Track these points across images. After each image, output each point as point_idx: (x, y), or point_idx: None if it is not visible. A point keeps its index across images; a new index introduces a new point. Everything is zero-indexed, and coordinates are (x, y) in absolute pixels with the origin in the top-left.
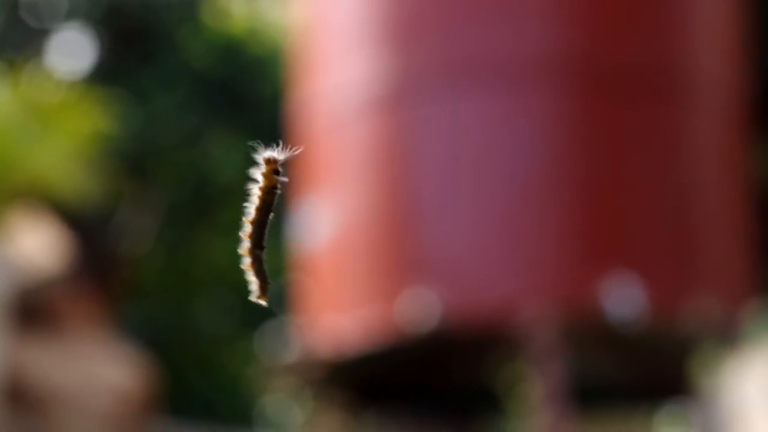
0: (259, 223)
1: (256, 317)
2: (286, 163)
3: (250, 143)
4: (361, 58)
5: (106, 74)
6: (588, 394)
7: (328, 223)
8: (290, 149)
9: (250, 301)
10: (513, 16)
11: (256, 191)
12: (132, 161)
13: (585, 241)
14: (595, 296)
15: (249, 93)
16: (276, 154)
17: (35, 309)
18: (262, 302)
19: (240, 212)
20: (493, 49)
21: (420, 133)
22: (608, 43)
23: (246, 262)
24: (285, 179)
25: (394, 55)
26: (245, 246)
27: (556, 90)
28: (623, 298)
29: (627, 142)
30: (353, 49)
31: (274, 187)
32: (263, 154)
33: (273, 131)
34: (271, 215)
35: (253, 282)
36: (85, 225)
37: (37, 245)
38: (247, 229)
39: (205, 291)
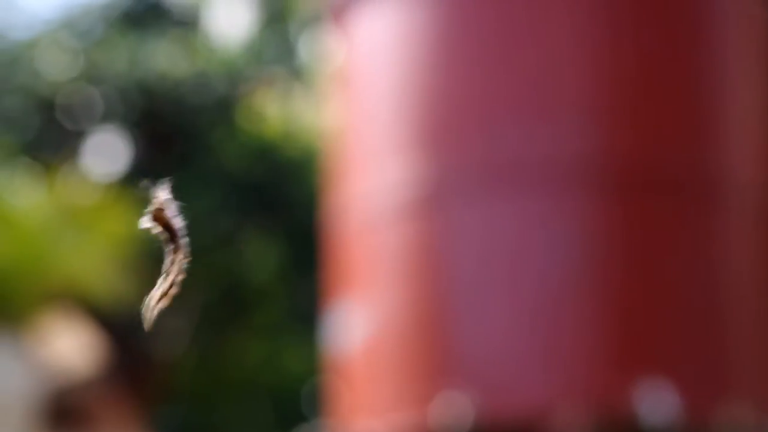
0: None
1: (288, 420)
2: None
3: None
4: (396, 161)
5: (141, 176)
6: None
7: (361, 327)
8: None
9: (282, 404)
10: (549, 118)
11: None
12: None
13: (618, 345)
14: (629, 401)
15: (283, 195)
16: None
17: (69, 411)
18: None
19: (272, 315)
20: (529, 152)
21: (454, 236)
22: (645, 146)
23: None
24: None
25: (429, 159)
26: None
27: (592, 192)
28: (656, 404)
29: (662, 245)
30: (388, 153)
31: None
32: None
33: (308, 234)
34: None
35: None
36: (119, 327)
37: (72, 347)
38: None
39: (237, 393)
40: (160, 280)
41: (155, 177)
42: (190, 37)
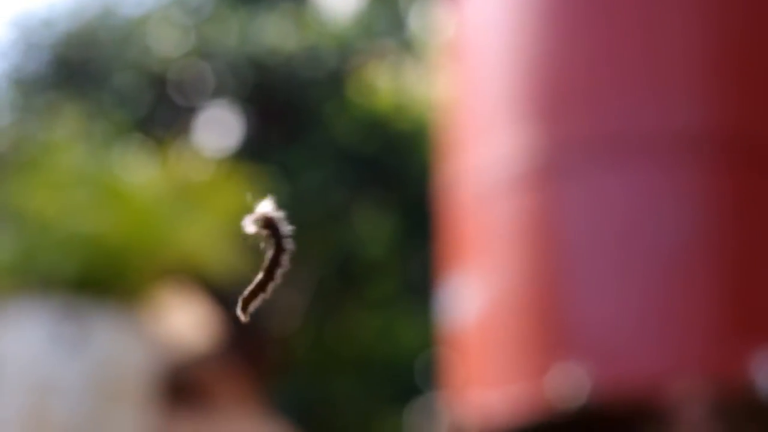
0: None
1: (404, 393)
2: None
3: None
4: (507, 133)
5: (253, 151)
6: None
7: (474, 299)
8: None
9: (397, 378)
10: (659, 90)
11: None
12: None
13: (734, 316)
14: (746, 371)
15: (395, 169)
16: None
17: (186, 387)
18: (241, 313)
19: (386, 288)
20: (639, 124)
21: (566, 208)
22: (754, 118)
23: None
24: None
25: (540, 131)
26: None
27: (703, 165)
28: None
29: None
30: (499, 125)
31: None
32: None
33: (420, 207)
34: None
35: (254, 289)
36: (234, 302)
37: (187, 323)
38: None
39: (352, 367)
40: (257, 277)
41: (267, 152)
42: (301, 11)
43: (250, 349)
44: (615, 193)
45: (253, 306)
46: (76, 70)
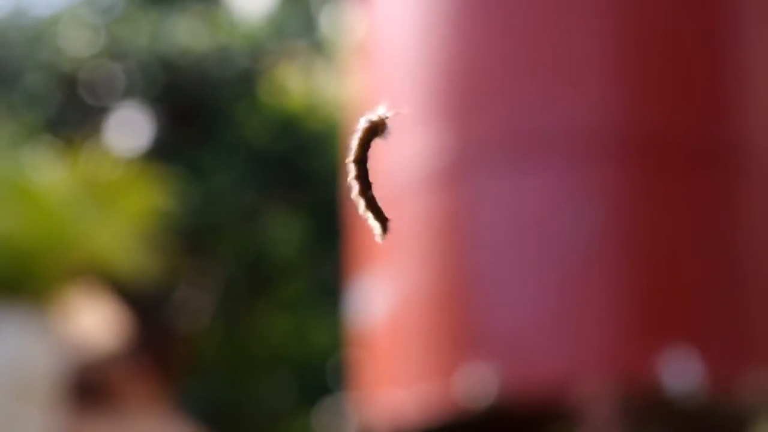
0: (363, 161)
1: (314, 393)
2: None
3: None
4: (418, 132)
5: (164, 151)
6: None
7: (385, 299)
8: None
9: (307, 378)
10: (573, 87)
11: (360, 131)
12: (189, 238)
13: (642, 315)
14: (653, 370)
15: (306, 169)
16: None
17: (93, 387)
18: (382, 240)
19: (296, 288)
20: (552, 122)
21: (478, 208)
22: (669, 115)
23: (362, 206)
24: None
25: (452, 130)
26: (356, 189)
27: (617, 163)
28: (681, 372)
29: (685, 214)
30: (411, 124)
31: (376, 131)
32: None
33: (330, 207)
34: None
35: (373, 224)
36: (143, 302)
37: (96, 323)
38: (352, 170)
39: (262, 367)
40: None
41: (178, 152)
42: (212, 11)
43: (158, 350)
44: (526, 192)
45: (376, 211)
46: None
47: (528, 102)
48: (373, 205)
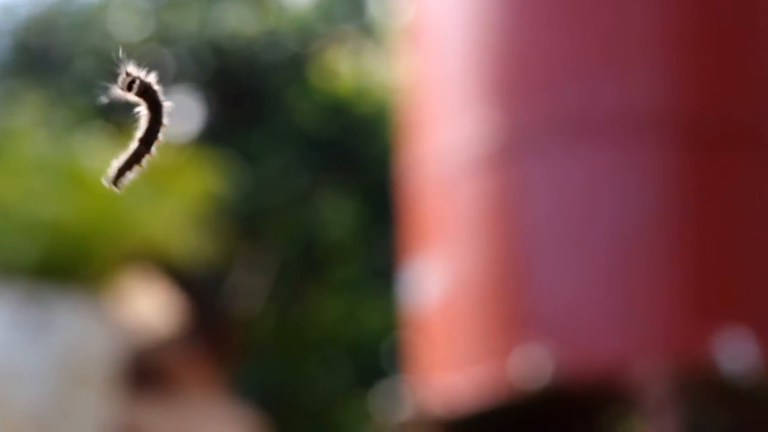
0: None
1: (368, 376)
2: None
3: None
4: (468, 115)
5: (215, 136)
6: None
7: (438, 282)
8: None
9: (361, 360)
10: (620, 71)
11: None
12: (243, 222)
13: (697, 295)
14: (708, 350)
15: (357, 152)
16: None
17: (149, 371)
18: (113, 185)
19: (350, 271)
20: (601, 105)
21: (528, 190)
22: (715, 97)
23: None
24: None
25: (501, 113)
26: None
27: (664, 145)
28: (736, 352)
29: (736, 195)
30: (460, 107)
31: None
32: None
33: (382, 190)
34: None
35: (116, 165)
36: (197, 286)
37: (151, 308)
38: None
39: (317, 350)
40: (131, 147)
41: (229, 136)
42: None
43: (213, 333)
44: (576, 174)
45: (126, 178)
46: (36, 57)
47: (576, 86)
48: (135, 158)
